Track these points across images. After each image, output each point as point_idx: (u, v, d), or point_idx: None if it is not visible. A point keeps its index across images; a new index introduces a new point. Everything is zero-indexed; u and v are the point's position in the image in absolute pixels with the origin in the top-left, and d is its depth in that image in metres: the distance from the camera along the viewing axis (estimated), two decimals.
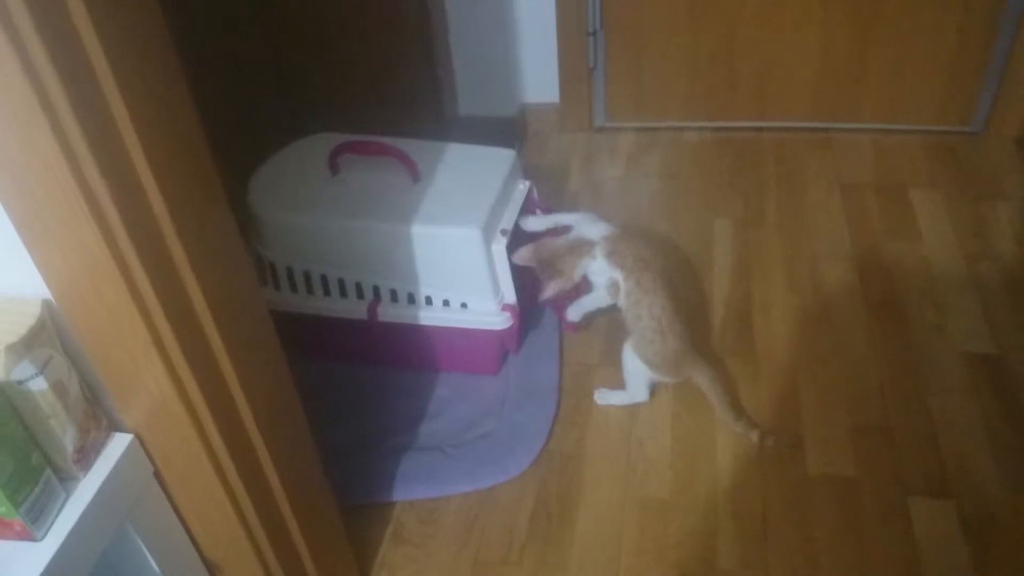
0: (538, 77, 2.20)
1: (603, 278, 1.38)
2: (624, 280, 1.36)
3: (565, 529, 1.31)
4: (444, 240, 1.38)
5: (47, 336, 0.76)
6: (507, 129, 2.22)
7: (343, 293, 1.47)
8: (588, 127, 2.25)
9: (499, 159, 1.52)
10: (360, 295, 1.47)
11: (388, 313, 1.46)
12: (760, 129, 2.17)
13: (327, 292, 1.48)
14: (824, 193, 1.94)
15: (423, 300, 1.45)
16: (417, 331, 1.47)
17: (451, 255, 1.40)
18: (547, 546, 1.29)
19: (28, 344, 0.73)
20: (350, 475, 1.37)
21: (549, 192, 2.00)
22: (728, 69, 2.11)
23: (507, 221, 1.43)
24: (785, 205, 1.92)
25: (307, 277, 1.47)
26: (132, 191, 0.71)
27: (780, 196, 1.95)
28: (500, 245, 1.39)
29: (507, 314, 1.43)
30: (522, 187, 1.51)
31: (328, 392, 1.52)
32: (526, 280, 1.49)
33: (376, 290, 1.46)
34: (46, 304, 0.76)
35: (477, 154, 1.54)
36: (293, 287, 1.49)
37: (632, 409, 1.48)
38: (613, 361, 1.57)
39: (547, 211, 1.54)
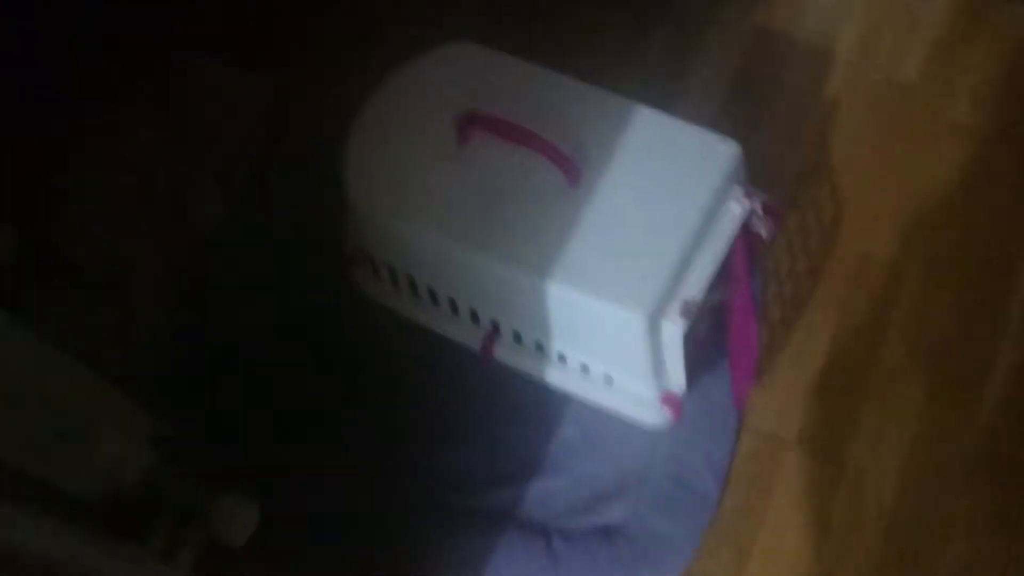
0: None
1: None
2: None
3: None
4: (593, 311, 0.93)
5: None
6: None
7: (454, 311, 1.08)
8: None
9: (709, 157, 0.97)
10: (475, 320, 1.07)
11: (507, 355, 1.07)
12: None
13: (435, 302, 1.09)
14: None
15: (554, 355, 1.04)
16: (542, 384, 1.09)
17: (600, 327, 0.95)
18: None
19: None
20: (436, 546, 1.10)
21: (792, 114, 1.37)
22: None
23: (696, 285, 0.94)
24: None
25: (411, 281, 1.08)
26: None
27: None
28: (677, 326, 0.92)
29: (667, 410, 1.01)
30: (736, 212, 0.97)
31: (429, 395, 1.19)
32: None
33: (495, 324, 1.06)
34: None
35: (679, 141, 0.99)
36: (394, 281, 1.11)
37: (820, 519, 1.07)
38: (818, 442, 1.13)
39: (772, 231, 1.01)
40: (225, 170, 1.42)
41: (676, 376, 0.99)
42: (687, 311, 0.92)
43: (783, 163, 1.32)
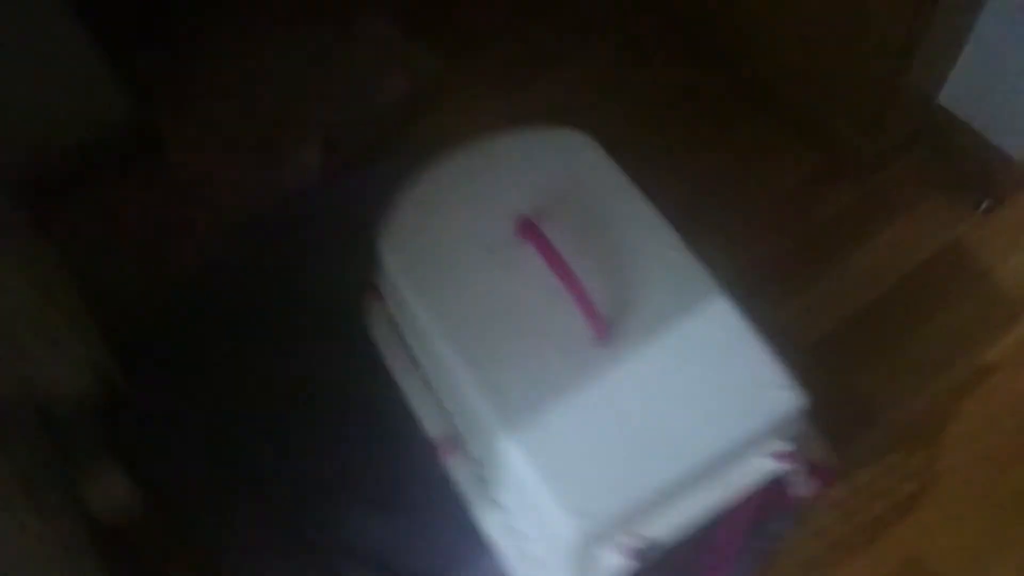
0: None
1: None
2: None
3: None
4: (534, 492, 0.80)
5: None
6: (984, 168, 1.29)
7: (433, 394, 0.98)
8: None
9: (760, 396, 0.80)
10: (446, 419, 0.96)
11: (457, 469, 0.96)
12: None
13: (424, 381, 0.99)
14: None
15: (493, 496, 0.91)
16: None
17: (536, 510, 0.81)
18: None
19: None
20: None
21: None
22: None
23: (666, 529, 0.78)
24: None
25: (410, 349, 0.99)
26: None
27: None
28: (614, 564, 0.78)
29: None
30: (761, 470, 0.80)
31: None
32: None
33: (462, 435, 0.94)
34: None
35: (738, 357, 0.82)
36: (398, 338, 1.02)
37: None
38: None
39: None
40: (336, 140, 1.36)
41: None
42: (638, 552, 0.77)
43: (895, 403, 1.12)
